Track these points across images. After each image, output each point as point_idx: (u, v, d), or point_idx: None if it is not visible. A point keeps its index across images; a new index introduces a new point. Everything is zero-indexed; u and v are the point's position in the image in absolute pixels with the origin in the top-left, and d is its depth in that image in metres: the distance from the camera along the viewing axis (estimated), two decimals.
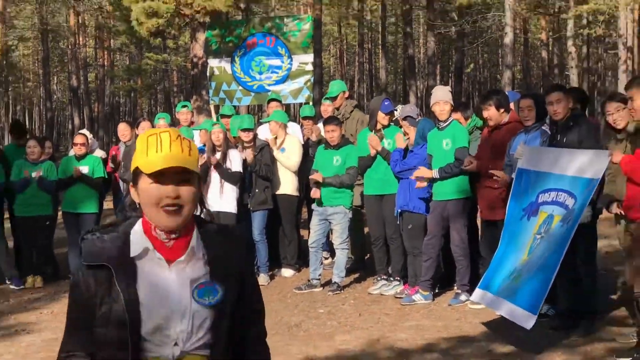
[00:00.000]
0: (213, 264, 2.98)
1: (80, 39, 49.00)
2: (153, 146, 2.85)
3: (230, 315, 2.96)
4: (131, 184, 3.03)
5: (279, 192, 12.52)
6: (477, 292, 9.33)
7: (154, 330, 2.85)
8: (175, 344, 2.88)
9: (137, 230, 2.97)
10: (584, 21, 33.56)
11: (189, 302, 2.88)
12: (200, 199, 3.03)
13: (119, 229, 3.00)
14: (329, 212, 11.60)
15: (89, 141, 13.18)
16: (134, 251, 2.91)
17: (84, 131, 13.95)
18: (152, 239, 2.93)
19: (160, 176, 2.82)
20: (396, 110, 11.74)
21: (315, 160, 11.93)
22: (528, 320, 8.05)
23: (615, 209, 8.65)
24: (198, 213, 3.13)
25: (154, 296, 2.86)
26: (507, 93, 11.31)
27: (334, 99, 13.16)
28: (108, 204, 14.29)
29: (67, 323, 2.99)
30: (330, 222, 11.73)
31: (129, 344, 2.81)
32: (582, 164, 8.35)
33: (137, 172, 2.91)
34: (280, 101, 14.98)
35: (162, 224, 2.88)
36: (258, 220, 12.29)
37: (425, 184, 10.51)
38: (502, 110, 10.23)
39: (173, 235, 2.93)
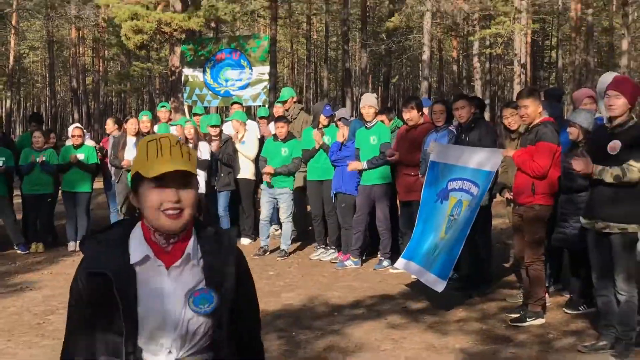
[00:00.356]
0: (209, 271, 2.58)
1: (80, 49, 48.49)
2: (153, 151, 2.47)
3: (228, 320, 2.58)
4: (131, 190, 2.61)
5: (239, 176, 12.51)
6: (401, 261, 9.40)
7: (149, 338, 2.49)
8: (169, 352, 2.52)
9: (136, 236, 2.58)
10: (487, 42, 33.79)
11: (183, 310, 2.50)
12: (199, 203, 2.60)
13: (118, 233, 2.60)
14: (277, 192, 11.65)
15: (74, 133, 13.03)
16: (133, 258, 2.52)
17: (78, 125, 13.83)
18: (152, 245, 2.55)
19: (161, 180, 2.44)
20: (335, 113, 11.79)
21: (264, 150, 11.97)
22: (439, 285, 8.19)
23: (506, 194, 8.80)
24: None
25: (150, 304, 2.48)
26: (418, 98, 11.40)
27: (284, 102, 13.23)
28: (99, 184, 14.15)
29: (67, 327, 2.62)
30: (277, 201, 11.77)
31: (124, 352, 2.47)
32: (481, 159, 8.49)
33: (138, 178, 2.52)
34: (241, 104, 15.09)
35: (164, 227, 2.49)
36: (222, 199, 12.29)
37: (357, 171, 10.59)
38: (420, 112, 10.35)
39: (172, 240, 2.54)
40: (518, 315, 7.97)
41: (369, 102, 10.86)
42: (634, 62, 38.69)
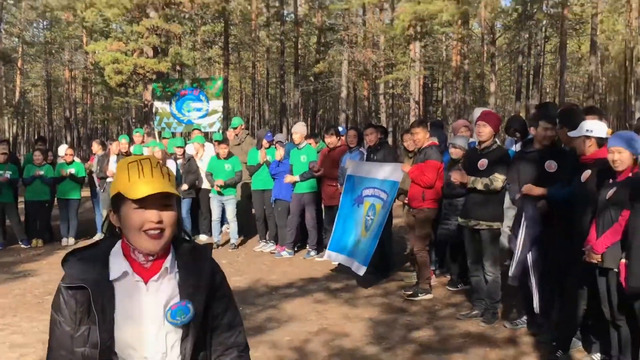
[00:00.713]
0: (183, 282, 2.15)
1: (72, 86, 47.52)
2: (135, 173, 2.07)
3: (199, 329, 2.16)
4: (111, 209, 2.18)
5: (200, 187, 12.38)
6: (328, 252, 9.47)
7: (131, 351, 2.09)
8: None
9: (116, 252, 2.15)
10: (390, 84, 34.15)
11: (162, 324, 2.10)
12: (179, 222, 2.20)
13: (99, 250, 2.17)
14: (224, 198, 11.54)
15: (64, 152, 12.98)
16: (113, 274, 2.10)
17: (68, 146, 13.59)
18: (131, 261, 2.12)
19: (143, 202, 2.03)
20: (274, 138, 11.78)
21: (209, 166, 11.78)
22: (361, 270, 8.28)
23: (403, 199, 8.89)
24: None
25: (129, 318, 2.08)
26: (339, 128, 11.48)
27: (235, 128, 13.13)
28: (87, 193, 13.85)
29: (49, 343, 2.15)
30: (225, 205, 11.68)
31: None
32: (387, 172, 8.59)
33: (119, 198, 2.09)
34: (200, 129, 15.02)
35: (144, 247, 2.08)
36: (185, 204, 12.02)
37: (291, 182, 10.61)
38: (338, 137, 10.44)
39: (151, 258, 2.12)
40: (411, 292, 8.10)
41: (299, 129, 10.89)
42: (499, 100, 39.61)
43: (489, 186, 6.69)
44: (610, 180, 5.28)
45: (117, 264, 2.11)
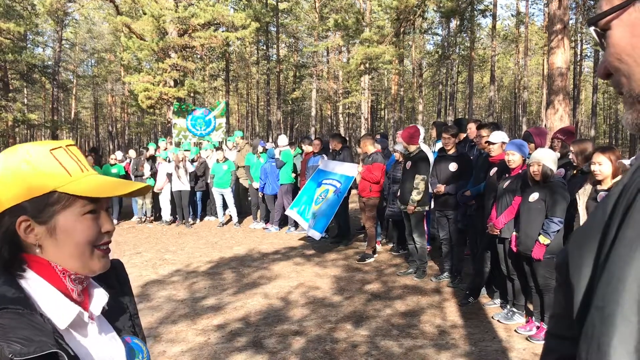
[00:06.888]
0: (118, 313, 1.17)
1: (113, 108, 46.71)
2: (72, 163, 1.05)
3: None
4: (23, 220, 1.00)
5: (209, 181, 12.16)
6: (289, 211, 9.27)
7: None
8: None
9: (43, 291, 1.00)
10: (347, 106, 34.15)
11: None
12: None
13: (11, 299, 0.94)
14: (222, 191, 11.43)
15: (119, 157, 12.79)
16: (62, 321, 0.99)
17: (118, 153, 13.27)
18: (69, 296, 1.05)
19: (96, 203, 1.04)
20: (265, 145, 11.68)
21: (212, 169, 11.63)
22: (316, 235, 8.22)
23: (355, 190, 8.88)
24: None
25: None
26: (310, 137, 11.45)
27: (236, 138, 12.97)
28: None
29: None
30: (224, 196, 11.54)
31: None
32: (345, 169, 8.56)
33: (47, 201, 1.00)
34: (210, 141, 14.86)
35: (95, 269, 1.05)
36: (199, 195, 11.97)
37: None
38: (310, 145, 10.36)
39: (85, 283, 1.09)
40: (359, 257, 8.07)
41: (282, 141, 10.87)
42: (425, 118, 39.81)
43: (418, 189, 6.76)
44: (507, 175, 5.35)
45: (57, 305, 1.01)
